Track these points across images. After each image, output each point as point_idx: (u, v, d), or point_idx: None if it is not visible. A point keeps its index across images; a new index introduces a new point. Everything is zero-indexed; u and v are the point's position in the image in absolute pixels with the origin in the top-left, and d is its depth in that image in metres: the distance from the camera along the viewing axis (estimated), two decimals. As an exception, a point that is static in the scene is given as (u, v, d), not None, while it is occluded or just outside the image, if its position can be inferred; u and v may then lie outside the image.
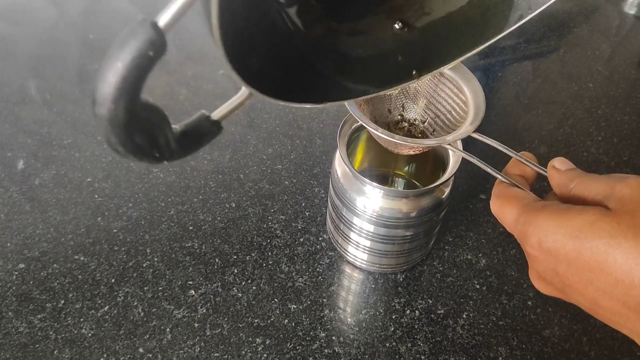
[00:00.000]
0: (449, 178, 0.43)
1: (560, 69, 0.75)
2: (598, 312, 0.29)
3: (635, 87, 0.73)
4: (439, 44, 0.36)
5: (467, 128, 0.37)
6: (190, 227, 0.52)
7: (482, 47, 0.35)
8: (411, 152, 0.42)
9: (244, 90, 0.28)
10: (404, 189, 0.54)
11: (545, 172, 0.34)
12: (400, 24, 0.35)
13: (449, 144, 0.38)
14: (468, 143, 0.40)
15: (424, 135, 0.44)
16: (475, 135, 0.37)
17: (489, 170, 0.35)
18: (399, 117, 0.45)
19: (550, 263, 0.30)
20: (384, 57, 0.35)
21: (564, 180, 0.32)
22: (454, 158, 0.44)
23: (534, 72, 0.74)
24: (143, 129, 0.26)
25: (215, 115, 0.29)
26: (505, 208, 0.33)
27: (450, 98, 0.41)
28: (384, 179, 0.54)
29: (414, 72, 0.35)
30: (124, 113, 0.24)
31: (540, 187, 0.35)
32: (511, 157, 0.36)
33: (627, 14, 0.87)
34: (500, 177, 0.35)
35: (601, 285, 0.27)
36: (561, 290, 0.31)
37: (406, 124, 0.45)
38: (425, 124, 0.44)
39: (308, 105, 0.32)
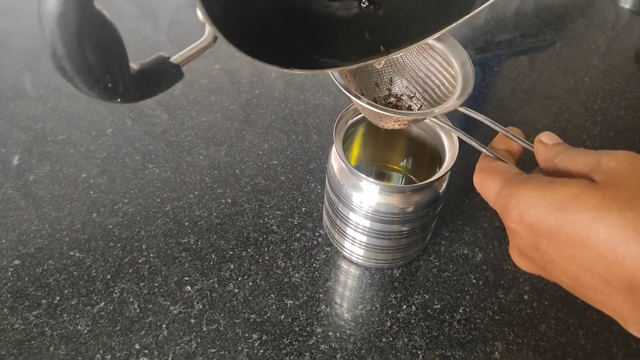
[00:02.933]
0: (446, 173, 0.43)
1: (556, 63, 0.75)
2: (580, 291, 0.28)
3: (631, 81, 0.73)
4: (406, 21, 0.36)
5: (454, 102, 0.37)
6: (186, 223, 0.52)
7: (450, 26, 0.34)
8: (396, 126, 0.41)
9: (208, 35, 0.27)
10: (400, 184, 0.54)
11: (532, 147, 0.33)
12: (366, 2, 0.34)
13: (435, 117, 0.37)
14: (456, 121, 0.40)
15: (410, 110, 0.44)
16: (463, 110, 0.36)
17: (473, 144, 0.35)
18: (387, 91, 0.44)
19: (531, 238, 0.29)
20: (350, 33, 0.35)
21: (550, 154, 0.31)
22: (451, 152, 0.44)
23: (530, 66, 0.74)
24: (96, 45, 0.22)
25: (176, 59, 0.27)
26: (487, 182, 0.32)
27: (439, 72, 0.41)
28: (380, 175, 0.54)
29: (381, 48, 0.35)
30: (74, 13, 0.21)
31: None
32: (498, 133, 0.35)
33: (622, 8, 0.86)
34: (485, 151, 0.34)
35: (583, 261, 0.27)
36: (542, 267, 0.30)
37: (394, 99, 0.44)
38: (414, 99, 0.43)
39: (274, 68, 0.30)
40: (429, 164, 0.49)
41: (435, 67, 0.41)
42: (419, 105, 0.43)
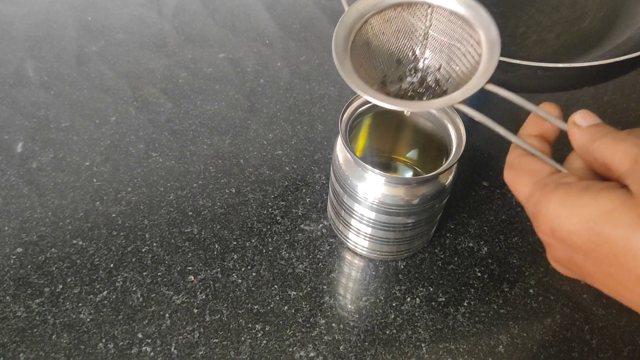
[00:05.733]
0: (452, 165, 0.42)
1: (566, 54, 0.74)
2: (621, 300, 0.28)
3: (641, 73, 0.72)
4: None
5: (478, 80, 0.35)
6: (190, 213, 0.52)
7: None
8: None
9: None
10: (406, 176, 0.53)
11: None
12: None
13: (460, 103, 0.34)
14: (478, 100, 0.38)
15: (438, 83, 0.41)
16: (490, 87, 0.34)
17: (501, 132, 0.32)
18: (412, 66, 0.42)
19: (566, 252, 0.28)
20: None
21: (585, 139, 0.29)
22: (457, 145, 0.43)
23: (538, 57, 0.73)
24: None
25: None
26: (517, 182, 0.30)
27: (463, 38, 0.38)
28: (385, 166, 0.54)
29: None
30: None
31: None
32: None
33: None
34: (515, 140, 0.32)
35: (621, 279, 0.26)
36: (581, 277, 0.29)
37: (420, 73, 0.41)
38: (441, 69, 0.41)
39: None
40: (436, 156, 0.49)
41: (459, 32, 0.38)
42: (447, 77, 0.40)
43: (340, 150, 0.44)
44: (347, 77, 0.36)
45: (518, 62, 0.42)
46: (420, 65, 0.41)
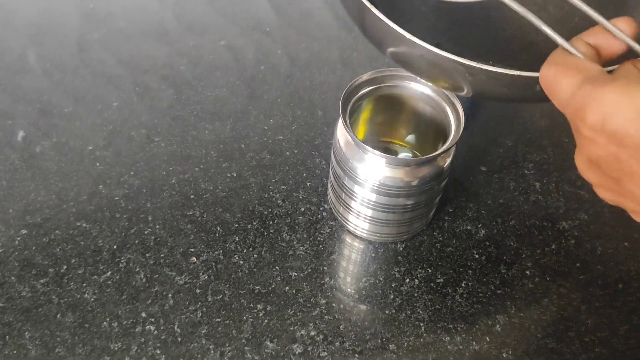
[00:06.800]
0: (450, 147, 0.43)
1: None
2: None
3: None
4: None
5: None
6: (192, 196, 0.53)
7: None
8: None
9: None
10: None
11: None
12: None
13: None
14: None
15: None
16: None
17: (548, 31, 0.28)
18: None
19: (612, 147, 0.26)
20: None
21: None
22: (456, 128, 0.44)
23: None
24: None
25: None
26: (561, 77, 0.27)
27: None
28: (385, 150, 0.54)
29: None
30: None
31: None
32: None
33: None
34: (562, 42, 0.28)
35: None
36: (616, 178, 0.27)
37: None
38: None
39: None
40: (434, 140, 0.49)
41: None
42: None
43: (341, 133, 0.45)
44: None
45: (514, 73, 0.39)
46: None
